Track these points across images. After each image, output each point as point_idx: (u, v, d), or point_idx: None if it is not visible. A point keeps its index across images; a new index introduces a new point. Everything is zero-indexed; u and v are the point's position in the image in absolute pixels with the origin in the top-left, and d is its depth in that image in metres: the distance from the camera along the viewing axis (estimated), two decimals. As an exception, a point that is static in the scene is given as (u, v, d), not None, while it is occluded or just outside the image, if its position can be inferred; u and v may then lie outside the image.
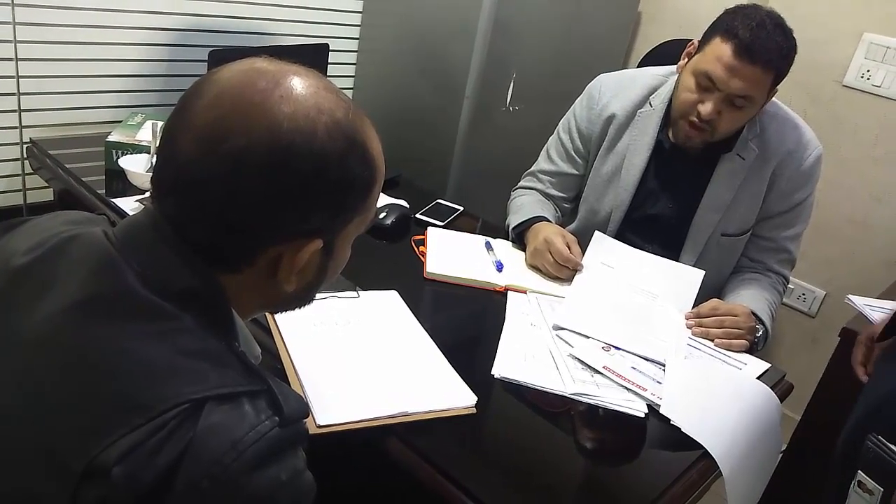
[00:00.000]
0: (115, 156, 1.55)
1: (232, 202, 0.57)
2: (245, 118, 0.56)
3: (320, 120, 0.58)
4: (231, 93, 0.58)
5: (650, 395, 1.09)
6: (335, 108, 0.60)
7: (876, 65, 2.16)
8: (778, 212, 1.47)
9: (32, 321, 0.58)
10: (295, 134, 0.57)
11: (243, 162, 0.56)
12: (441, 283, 1.34)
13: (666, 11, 2.58)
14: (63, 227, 0.66)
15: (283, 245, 0.61)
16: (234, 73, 0.59)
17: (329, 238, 0.64)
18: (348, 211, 0.64)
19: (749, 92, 1.29)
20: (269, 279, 0.63)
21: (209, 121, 0.57)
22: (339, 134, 0.59)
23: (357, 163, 0.61)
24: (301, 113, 0.58)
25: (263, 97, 0.57)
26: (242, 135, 0.56)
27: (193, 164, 0.57)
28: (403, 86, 2.29)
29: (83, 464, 0.50)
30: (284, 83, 0.58)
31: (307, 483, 0.58)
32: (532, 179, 1.66)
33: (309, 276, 0.66)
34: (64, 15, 1.70)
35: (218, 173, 0.56)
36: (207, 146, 0.56)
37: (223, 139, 0.56)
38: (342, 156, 0.59)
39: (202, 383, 0.54)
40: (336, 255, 0.68)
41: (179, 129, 0.58)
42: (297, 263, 0.62)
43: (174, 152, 0.58)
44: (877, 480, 1.05)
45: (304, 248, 0.61)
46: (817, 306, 2.43)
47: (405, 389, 0.98)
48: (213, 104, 0.58)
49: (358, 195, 0.63)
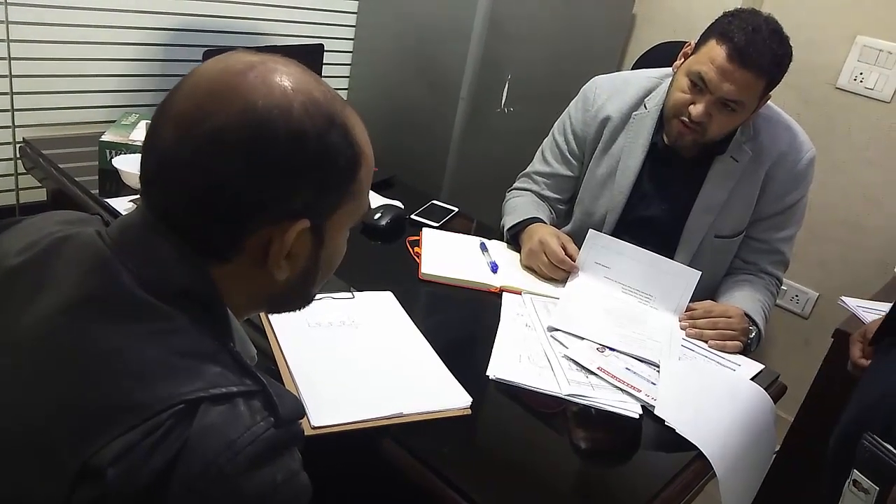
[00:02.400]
0: (108, 156, 1.55)
1: (213, 183, 0.57)
2: (220, 99, 0.57)
3: (297, 98, 0.58)
4: (207, 79, 0.58)
5: (644, 395, 1.09)
6: (312, 89, 0.60)
7: (869, 67, 2.18)
8: (771, 213, 1.48)
9: (26, 322, 0.58)
10: (272, 109, 0.57)
11: (221, 140, 0.56)
12: (436, 284, 1.34)
13: (660, 14, 2.59)
14: (56, 227, 0.66)
15: (270, 227, 0.60)
16: (210, 63, 0.60)
17: (317, 222, 0.63)
18: (333, 191, 0.62)
19: (740, 97, 1.30)
20: (259, 268, 0.62)
21: (187, 107, 0.58)
22: (317, 111, 0.59)
23: (338, 139, 0.61)
24: (277, 91, 0.58)
25: (239, 80, 0.58)
26: (218, 114, 0.56)
27: (173, 148, 0.57)
28: (398, 87, 2.29)
29: (77, 465, 0.50)
30: (260, 67, 0.59)
31: (302, 484, 0.58)
32: (527, 181, 1.66)
33: (300, 264, 0.65)
34: (57, 14, 1.70)
35: (197, 154, 0.57)
36: (185, 129, 0.57)
37: (200, 121, 0.57)
38: (321, 132, 0.59)
39: (197, 384, 0.54)
40: (328, 244, 0.66)
41: (160, 122, 0.59)
42: (284, 245, 0.61)
43: (156, 144, 0.59)
44: (872, 479, 1.05)
45: (291, 229, 0.60)
46: (810, 308, 2.44)
47: (400, 390, 0.98)
48: (189, 92, 0.58)
49: (342, 174, 0.62)
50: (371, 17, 2.31)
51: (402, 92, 2.27)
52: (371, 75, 2.38)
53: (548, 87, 2.27)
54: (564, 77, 2.16)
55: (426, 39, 2.16)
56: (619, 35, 2.56)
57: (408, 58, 2.24)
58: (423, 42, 2.17)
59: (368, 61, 2.37)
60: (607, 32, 2.48)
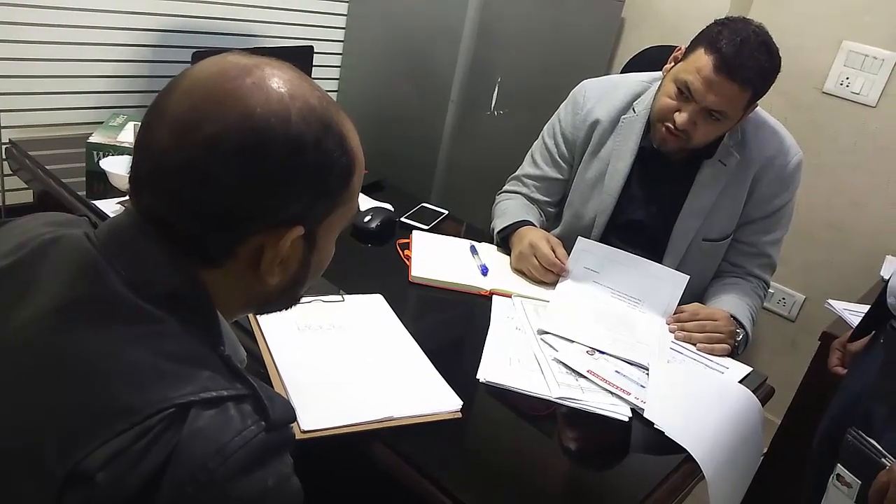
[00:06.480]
0: (96, 157, 1.53)
1: (209, 189, 0.57)
2: (218, 105, 0.56)
3: (294, 105, 0.58)
4: (203, 82, 0.58)
5: (634, 398, 1.10)
6: (308, 95, 0.60)
7: (855, 72, 2.20)
8: (758, 217, 1.49)
9: (14, 325, 0.57)
10: (269, 117, 0.57)
11: (218, 147, 0.56)
12: (426, 286, 1.34)
13: (649, 18, 2.60)
14: (44, 228, 0.65)
15: (264, 234, 0.60)
16: (206, 65, 0.60)
17: (311, 227, 0.63)
18: (327, 198, 0.63)
19: (724, 107, 1.30)
20: (251, 273, 0.62)
21: (183, 110, 0.57)
22: (314, 118, 0.59)
23: (334, 147, 0.61)
24: (274, 98, 0.58)
25: (236, 84, 0.57)
26: (216, 121, 0.56)
27: (168, 153, 0.57)
28: (388, 89, 2.29)
29: (66, 469, 0.49)
30: (257, 72, 0.59)
31: (294, 488, 0.58)
32: (517, 184, 1.67)
33: (292, 269, 0.65)
34: (45, 14, 1.69)
35: (193, 160, 0.56)
36: (181, 134, 0.56)
37: (197, 126, 0.56)
38: (318, 139, 0.59)
39: (187, 387, 0.54)
40: (319, 248, 0.66)
41: (154, 124, 0.58)
42: (279, 252, 0.61)
43: (149, 146, 0.58)
44: (855, 473, 1.06)
45: (286, 236, 0.60)
46: (797, 310, 2.46)
47: (390, 394, 0.98)
48: (186, 95, 0.58)
49: (336, 181, 0.62)
50: (361, 20, 2.32)
51: (392, 94, 2.27)
52: (361, 77, 2.37)
53: (537, 90, 2.28)
54: (554, 80, 2.17)
55: (416, 42, 2.16)
56: (608, 39, 2.57)
57: (398, 60, 2.24)
58: (413, 44, 2.17)
59: (358, 63, 2.36)
60: (596, 36, 2.49)
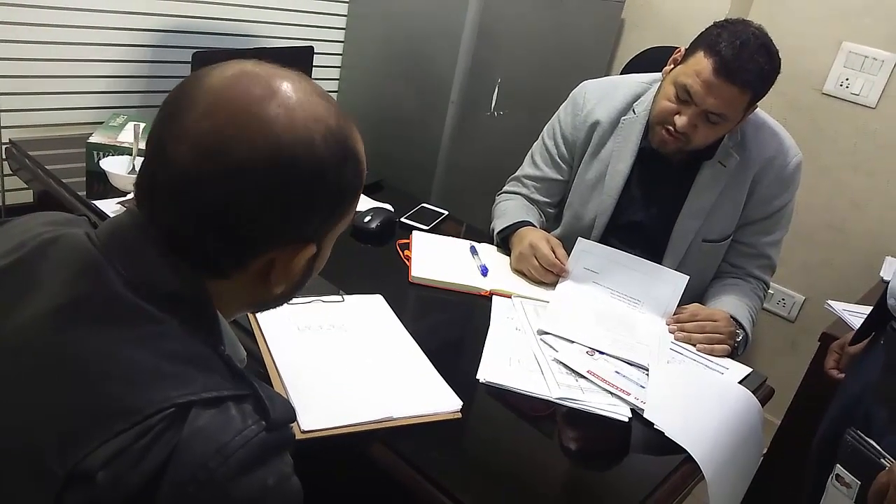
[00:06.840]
0: (96, 157, 1.54)
1: (231, 212, 0.57)
2: (244, 130, 0.56)
3: (318, 129, 0.59)
4: (226, 101, 0.57)
5: (634, 399, 1.10)
6: (328, 116, 0.60)
7: (855, 73, 2.20)
8: (758, 218, 1.49)
9: (14, 324, 0.57)
10: (296, 146, 0.57)
11: (244, 174, 0.56)
12: (426, 287, 1.34)
13: (648, 19, 2.60)
14: (43, 228, 0.65)
15: (277, 250, 0.61)
16: (225, 79, 0.59)
17: (319, 241, 0.65)
18: (339, 215, 0.65)
19: (723, 110, 1.30)
20: (258, 282, 0.64)
21: (206, 130, 0.56)
22: (334, 142, 0.60)
23: (351, 173, 0.62)
24: (300, 123, 0.58)
25: (260, 107, 0.57)
26: (242, 146, 0.56)
27: (191, 174, 0.56)
28: (388, 90, 2.29)
29: (67, 468, 0.49)
30: (279, 91, 0.58)
31: (294, 488, 0.58)
32: (517, 184, 1.67)
33: (297, 278, 0.67)
34: (45, 14, 1.69)
35: (218, 184, 0.56)
36: (206, 157, 0.56)
37: (223, 151, 0.56)
38: (339, 164, 0.61)
39: (187, 387, 0.54)
40: (322, 256, 0.69)
41: (172, 136, 0.57)
42: (292, 269, 0.63)
43: (167, 159, 0.57)
44: (855, 474, 1.06)
45: (300, 255, 0.62)
46: (797, 311, 2.46)
47: (390, 394, 0.98)
48: (208, 112, 0.57)
49: (349, 201, 0.65)
50: (361, 20, 2.32)
51: (392, 95, 2.27)
52: (361, 78, 2.37)
53: (537, 91, 2.28)
54: (554, 81, 2.17)
55: (416, 42, 2.17)
56: (608, 40, 2.57)
57: (398, 61, 2.24)
58: (413, 45, 2.17)
59: (358, 64, 2.37)
60: (596, 37, 2.49)
